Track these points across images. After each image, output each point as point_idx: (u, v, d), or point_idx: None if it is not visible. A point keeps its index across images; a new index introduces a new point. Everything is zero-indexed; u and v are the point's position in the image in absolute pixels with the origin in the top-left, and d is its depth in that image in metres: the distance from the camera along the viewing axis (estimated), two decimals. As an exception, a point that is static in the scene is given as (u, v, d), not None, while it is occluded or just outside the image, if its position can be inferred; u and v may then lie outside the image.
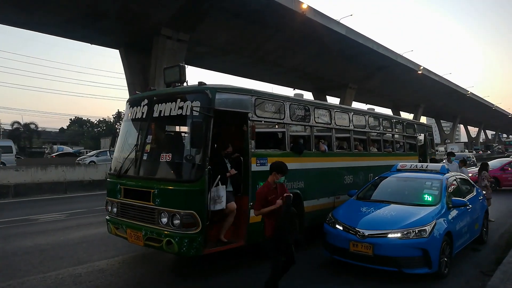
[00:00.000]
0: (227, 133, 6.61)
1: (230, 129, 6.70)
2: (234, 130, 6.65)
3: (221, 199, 5.58)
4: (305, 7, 21.82)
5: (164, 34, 20.25)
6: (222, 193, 5.60)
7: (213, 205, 5.48)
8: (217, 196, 5.56)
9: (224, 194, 5.61)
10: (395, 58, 33.87)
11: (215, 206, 5.51)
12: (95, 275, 5.77)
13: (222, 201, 5.57)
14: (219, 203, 5.57)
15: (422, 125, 13.58)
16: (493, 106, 69.83)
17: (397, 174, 7.55)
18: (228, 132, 6.64)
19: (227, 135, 6.53)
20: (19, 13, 18.71)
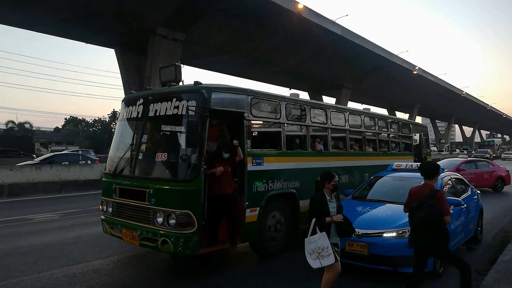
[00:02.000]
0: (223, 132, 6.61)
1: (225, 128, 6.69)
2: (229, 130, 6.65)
3: (327, 250, 4.26)
4: (301, 7, 21.86)
5: (159, 34, 20.21)
6: (326, 243, 4.28)
7: (315, 260, 4.29)
8: (320, 248, 4.30)
9: (328, 244, 4.27)
10: (390, 58, 34.01)
11: (321, 262, 4.28)
12: (90, 275, 5.74)
13: (330, 253, 4.25)
14: (326, 256, 4.27)
15: (417, 125, 13.65)
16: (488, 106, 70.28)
17: (392, 174, 7.58)
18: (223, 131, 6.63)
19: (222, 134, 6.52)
20: (14, 12, 18.60)
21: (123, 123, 6.78)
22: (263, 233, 6.33)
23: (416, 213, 4.34)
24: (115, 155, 6.60)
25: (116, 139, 6.77)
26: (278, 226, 6.59)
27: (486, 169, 16.76)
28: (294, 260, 6.43)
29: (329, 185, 4.48)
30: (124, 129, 6.75)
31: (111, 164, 6.47)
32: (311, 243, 4.31)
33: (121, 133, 6.76)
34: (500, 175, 16.82)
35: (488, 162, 18.06)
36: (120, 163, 6.19)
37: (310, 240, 4.32)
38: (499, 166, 17.68)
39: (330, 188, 4.48)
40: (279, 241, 6.64)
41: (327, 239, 4.27)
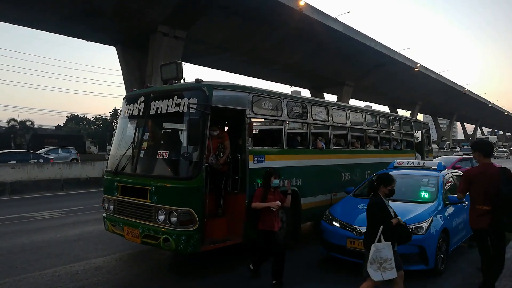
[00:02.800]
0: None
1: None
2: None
3: (390, 263, 3.89)
4: (302, 4, 21.80)
5: (160, 31, 20.19)
6: (390, 254, 3.91)
7: (376, 271, 3.91)
8: (383, 259, 3.89)
9: (392, 256, 3.92)
10: (392, 56, 33.91)
11: (383, 275, 3.90)
12: (92, 273, 5.75)
13: (393, 266, 3.89)
14: (389, 269, 3.89)
15: (419, 122, 13.62)
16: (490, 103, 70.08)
17: (394, 171, 7.55)
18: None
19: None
20: (15, 10, 18.60)
21: (125, 121, 6.78)
22: (265, 231, 6.31)
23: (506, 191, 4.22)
24: (116, 153, 6.61)
25: (118, 137, 6.78)
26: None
27: None
28: (296, 257, 6.44)
29: (385, 189, 4.18)
30: (126, 127, 6.75)
31: (113, 162, 6.48)
32: (376, 251, 3.90)
33: (122, 131, 6.77)
34: None
35: None
36: (122, 161, 6.19)
37: (377, 247, 3.91)
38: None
39: (385, 192, 4.18)
40: (281, 239, 6.63)
41: (392, 250, 3.91)
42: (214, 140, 6.08)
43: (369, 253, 3.91)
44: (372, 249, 3.91)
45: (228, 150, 6.14)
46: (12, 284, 5.32)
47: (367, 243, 4.06)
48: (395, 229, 3.99)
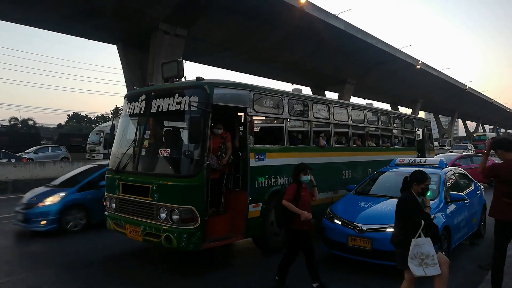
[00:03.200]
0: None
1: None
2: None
3: (432, 258, 3.81)
4: (303, 2, 21.72)
5: (162, 29, 20.16)
6: (432, 250, 3.82)
7: (418, 267, 3.82)
8: (424, 255, 3.81)
9: (434, 252, 3.84)
10: (393, 53, 33.80)
11: (425, 270, 3.81)
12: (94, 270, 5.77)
13: (436, 262, 3.81)
14: (432, 265, 3.81)
15: (421, 120, 13.60)
16: (491, 100, 69.84)
17: (395, 169, 7.55)
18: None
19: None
20: (17, 9, 18.61)
21: (126, 119, 6.79)
22: (266, 229, 6.34)
23: None
24: (118, 151, 6.62)
25: (119, 136, 6.79)
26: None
27: None
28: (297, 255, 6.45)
29: (417, 187, 4.08)
30: (127, 125, 6.76)
31: (114, 160, 6.49)
32: (416, 246, 3.81)
33: (123, 129, 6.78)
34: None
35: None
36: (123, 159, 6.21)
37: (417, 242, 3.81)
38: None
39: (418, 190, 4.07)
40: (282, 236, 6.63)
41: (432, 246, 3.83)
42: (216, 140, 6.03)
43: (409, 249, 3.82)
44: (412, 243, 3.81)
45: (230, 151, 6.08)
46: (14, 283, 5.33)
47: (400, 239, 3.98)
48: (429, 228, 3.93)
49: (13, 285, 5.26)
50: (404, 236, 3.93)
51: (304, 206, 4.87)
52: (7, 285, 5.26)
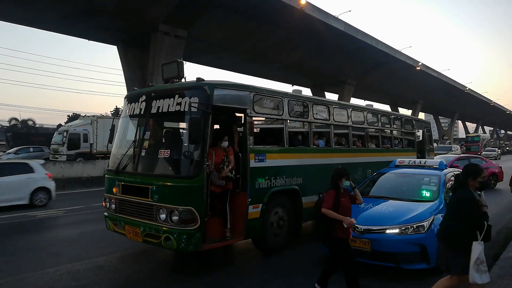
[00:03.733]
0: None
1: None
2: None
3: (484, 265, 3.66)
4: (303, 3, 21.72)
5: (162, 30, 20.15)
6: (482, 255, 3.64)
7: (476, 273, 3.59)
8: (479, 260, 3.62)
9: (484, 258, 3.67)
10: (393, 54, 33.82)
11: (481, 277, 3.61)
12: (94, 272, 5.77)
13: (486, 269, 3.67)
14: (484, 272, 3.64)
15: (421, 121, 13.60)
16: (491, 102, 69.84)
17: (395, 170, 7.56)
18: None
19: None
20: (16, 9, 18.60)
21: (126, 120, 6.78)
22: (266, 230, 6.33)
23: None
24: (117, 152, 6.62)
25: (119, 136, 6.78)
26: (280, 223, 6.59)
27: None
28: (297, 256, 6.46)
29: (474, 182, 3.77)
30: (127, 126, 6.75)
31: (114, 161, 6.49)
32: (476, 250, 3.55)
33: (123, 130, 6.77)
34: (493, 172, 16.81)
35: (481, 159, 18.07)
36: (123, 160, 6.21)
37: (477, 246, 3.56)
38: (492, 163, 17.83)
39: (476, 185, 3.78)
40: (282, 238, 6.65)
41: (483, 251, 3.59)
42: (218, 153, 5.91)
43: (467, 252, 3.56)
44: (475, 246, 3.53)
45: (232, 164, 5.95)
46: (14, 283, 5.33)
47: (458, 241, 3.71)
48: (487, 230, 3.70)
49: (13, 286, 5.25)
50: (463, 238, 3.64)
51: (344, 212, 4.61)
52: (6, 285, 5.25)
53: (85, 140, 24.34)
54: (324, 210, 4.56)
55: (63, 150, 23.89)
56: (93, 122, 24.66)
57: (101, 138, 23.92)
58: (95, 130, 24.37)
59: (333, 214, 4.51)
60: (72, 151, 23.82)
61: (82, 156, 23.45)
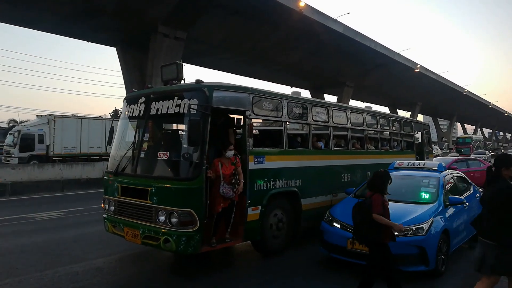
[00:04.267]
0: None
1: None
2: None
3: None
4: (302, 5, 21.78)
5: (161, 32, 20.18)
6: None
7: None
8: None
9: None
10: (392, 57, 33.90)
11: None
12: (92, 274, 5.75)
13: None
14: None
15: (419, 123, 13.62)
16: (490, 104, 70.02)
17: (394, 172, 7.54)
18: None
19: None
20: (15, 10, 18.61)
21: (125, 122, 6.78)
22: (265, 232, 6.33)
23: None
24: (117, 153, 6.61)
25: (118, 138, 6.78)
26: (280, 225, 6.59)
27: (477, 167, 16.72)
28: (296, 258, 6.45)
29: (508, 171, 3.60)
30: (126, 127, 6.75)
31: (113, 162, 6.48)
32: None
33: (122, 132, 6.77)
34: None
35: (479, 161, 18.07)
36: (122, 162, 6.20)
37: None
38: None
39: (510, 175, 3.61)
40: (281, 240, 6.64)
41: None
42: (225, 164, 5.74)
43: None
44: None
45: (242, 177, 5.85)
46: (12, 285, 5.31)
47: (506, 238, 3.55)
48: None
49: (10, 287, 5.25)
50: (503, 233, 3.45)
51: (388, 217, 4.54)
52: (4, 287, 5.24)
53: (40, 141, 22.68)
54: (376, 216, 4.41)
55: (15, 152, 22.35)
56: (50, 121, 23.04)
57: (59, 139, 23.01)
58: (52, 131, 22.85)
59: (383, 219, 4.42)
60: (25, 153, 22.20)
61: (37, 159, 21.91)
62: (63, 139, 23.31)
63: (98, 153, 24.25)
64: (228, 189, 5.61)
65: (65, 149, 23.37)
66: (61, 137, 23.08)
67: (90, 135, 24.38)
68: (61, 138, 23.10)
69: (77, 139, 23.93)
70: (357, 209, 4.63)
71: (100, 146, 24.43)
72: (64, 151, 23.31)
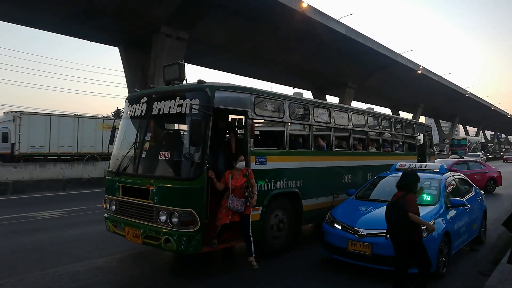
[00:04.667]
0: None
1: None
2: None
3: None
4: (305, 6, 21.76)
5: (163, 32, 20.20)
6: None
7: None
8: None
9: None
10: (394, 58, 33.86)
11: None
12: (93, 273, 5.76)
13: None
14: None
15: (421, 125, 13.60)
16: (492, 106, 69.83)
17: (396, 174, 7.50)
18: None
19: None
20: (18, 10, 18.66)
21: (127, 122, 6.79)
22: (266, 232, 6.33)
23: None
24: (118, 153, 6.62)
25: (120, 138, 6.79)
26: (281, 225, 6.59)
27: (478, 169, 16.73)
28: (297, 259, 6.45)
29: None
30: (128, 127, 6.76)
31: (115, 162, 6.49)
32: None
33: (124, 132, 6.78)
34: (492, 176, 16.75)
35: (480, 163, 18.05)
36: (124, 161, 6.20)
37: None
38: (491, 167, 17.76)
39: None
40: (282, 240, 6.64)
41: None
42: (236, 176, 5.66)
43: None
44: None
45: (255, 189, 5.78)
46: (14, 284, 5.32)
47: None
48: None
49: (12, 287, 5.25)
50: None
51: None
52: (5, 286, 5.25)
53: (4, 139, 21.62)
54: (412, 215, 4.47)
55: None
56: (15, 119, 21.82)
57: (25, 137, 21.76)
58: (17, 129, 21.62)
59: (419, 219, 4.52)
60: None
61: (0, 158, 20.75)
62: (30, 138, 22.12)
63: (69, 153, 23.23)
64: (237, 202, 5.52)
65: (32, 148, 22.24)
66: (28, 135, 21.89)
67: (60, 134, 23.14)
68: (28, 136, 21.88)
69: (46, 137, 22.71)
70: (391, 209, 4.66)
71: (72, 145, 23.52)
72: (31, 150, 22.19)
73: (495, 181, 16.75)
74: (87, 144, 24.43)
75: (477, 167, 17.06)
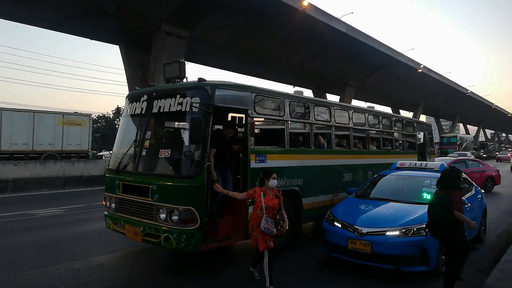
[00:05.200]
0: None
1: None
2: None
3: None
4: (306, 5, 21.71)
5: (164, 30, 20.18)
6: None
7: None
8: None
9: None
10: (395, 57, 33.81)
11: None
12: (93, 271, 5.77)
13: None
14: None
15: (422, 124, 13.59)
16: (493, 105, 69.79)
17: (396, 172, 7.55)
18: None
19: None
20: (19, 8, 18.66)
21: (127, 119, 6.79)
22: (266, 231, 6.31)
23: None
24: (118, 151, 6.62)
25: (120, 136, 6.79)
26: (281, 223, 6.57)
27: (476, 168, 16.73)
28: (297, 257, 6.45)
29: None
30: (128, 125, 6.76)
31: (115, 160, 6.49)
32: None
33: (124, 130, 6.78)
34: (490, 175, 16.75)
35: (478, 162, 18.05)
36: (124, 159, 6.20)
37: None
38: (489, 166, 17.76)
39: None
40: (282, 239, 6.62)
41: None
42: (268, 195, 5.07)
43: None
44: None
45: (284, 212, 5.16)
46: (14, 281, 5.33)
47: None
48: None
49: (12, 284, 5.26)
50: None
51: None
52: (5, 283, 5.26)
53: None
54: (457, 213, 4.37)
55: None
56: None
57: (7, 134, 21.02)
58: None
59: (463, 217, 4.41)
60: None
61: None
62: (12, 135, 21.34)
63: (23, 151, 21.74)
64: (271, 223, 4.91)
65: (14, 145, 21.47)
66: (10, 132, 21.13)
67: (13, 130, 21.55)
68: (10, 133, 21.14)
69: (29, 134, 21.88)
70: (436, 205, 4.60)
71: (27, 142, 22.01)
72: (13, 148, 21.40)
73: (493, 179, 16.75)
74: (44, 142, 22.62)
75: (476, 166, 17.07)
